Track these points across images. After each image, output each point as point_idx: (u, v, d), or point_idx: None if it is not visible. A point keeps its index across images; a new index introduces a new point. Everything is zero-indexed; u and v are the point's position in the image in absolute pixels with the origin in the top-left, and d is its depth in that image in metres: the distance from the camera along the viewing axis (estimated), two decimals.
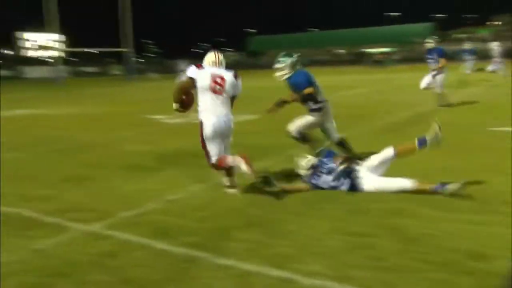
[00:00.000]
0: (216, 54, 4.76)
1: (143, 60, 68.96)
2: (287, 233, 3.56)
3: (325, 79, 26.50)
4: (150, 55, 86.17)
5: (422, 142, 4.42)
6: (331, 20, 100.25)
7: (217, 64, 4.69)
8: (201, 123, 4.59)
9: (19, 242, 3.58)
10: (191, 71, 4.59)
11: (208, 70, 4.60)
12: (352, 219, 3.79)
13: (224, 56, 4.82)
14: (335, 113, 5.68)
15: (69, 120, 12.32)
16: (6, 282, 2.95)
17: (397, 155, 4.45)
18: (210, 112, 4.55)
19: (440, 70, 11.11)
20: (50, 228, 3.87)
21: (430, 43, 11.56)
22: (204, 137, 4.57)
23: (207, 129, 4.53)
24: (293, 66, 5.30)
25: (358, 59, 59.15)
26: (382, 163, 4.49)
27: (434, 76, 11.19)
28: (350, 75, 30.59)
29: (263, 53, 76.36)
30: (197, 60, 5.01)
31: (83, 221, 3.99)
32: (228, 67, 4.77)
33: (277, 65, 5.36)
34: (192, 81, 4.55)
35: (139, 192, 4.88)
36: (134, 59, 44.95)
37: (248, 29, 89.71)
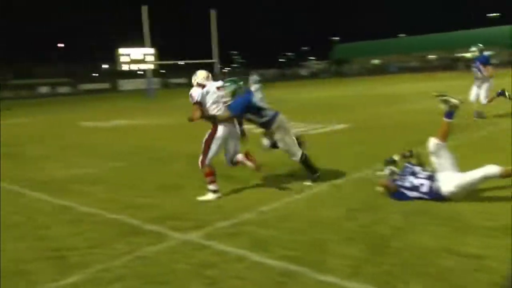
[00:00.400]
0: (206, 71, 5.40)
1: (229, 69, 71.02)
2: (390, 250, 3.36)
3: (416, 86, 25.54)
4: (234, 65, 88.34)
5: (449, 116, 4.66)
6: (424, 24, 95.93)
7: (209, 79, 5.30)
8: (215, 126, 5.14)
9: (122, 248, 3.73)
10: (198, 95, 5.07)
11: (212, 85, 5.21)
12: (460, 238, 3.49)
13: (309, 65, 4.89)
14: (426, 120, 5.32)
15: (160, 130, 12.90)
16: (111, 287, 3.07)
17: (440, 139, 4.52)
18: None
19: (485, 79, 10.11)
20: (151, 235, 4.00)
21: (473, 52, 10.41)
22: (214, 136, 5.11)
23: (221, 131, 5.11)
24: (234, 93, 5.40)
25: (452, 65, 55.99)
26: (438, 155, 4.48)
27: (479, 86, 10.21)
28: (443, 81, 28.92)
29: (348, 61, 75.24)
30: (281, 69, 5.09)
31: (181, 229, 4.09)
32: (312, 75, 4.83)
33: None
34: (201, 104, 5.09)
35: (232, 202, 4.92)
36: (219, 70, 46.35)
37: (332, 37, 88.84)
